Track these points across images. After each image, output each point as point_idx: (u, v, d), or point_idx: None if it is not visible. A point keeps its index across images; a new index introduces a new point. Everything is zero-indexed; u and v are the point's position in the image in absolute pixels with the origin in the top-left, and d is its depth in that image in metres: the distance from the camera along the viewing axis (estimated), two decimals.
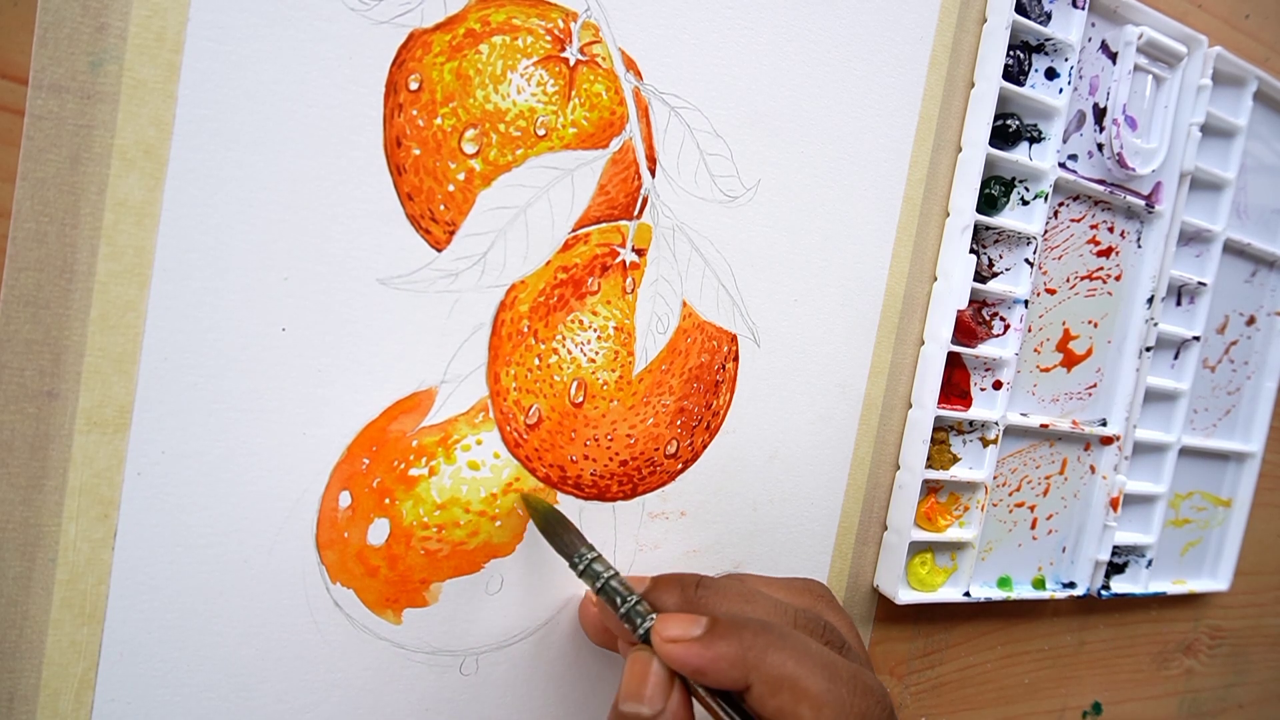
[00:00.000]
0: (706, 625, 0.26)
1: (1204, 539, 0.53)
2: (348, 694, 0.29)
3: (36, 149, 0.23)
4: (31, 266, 0.23)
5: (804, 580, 0.33)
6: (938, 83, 0.37)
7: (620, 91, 0.31)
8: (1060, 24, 0.39)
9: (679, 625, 0.27)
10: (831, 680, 0.25)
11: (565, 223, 0.30)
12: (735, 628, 0.26)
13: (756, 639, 0.26)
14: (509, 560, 0.31)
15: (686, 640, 0.26)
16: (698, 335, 0.34)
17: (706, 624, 0.26)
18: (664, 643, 0.26)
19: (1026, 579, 0.44)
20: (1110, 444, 0.45)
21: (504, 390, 0.30)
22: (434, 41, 0.28)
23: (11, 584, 0.24)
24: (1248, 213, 0.50)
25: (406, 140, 0.27)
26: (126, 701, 0.26)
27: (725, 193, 0.33)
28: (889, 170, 0.37)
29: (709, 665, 0.26)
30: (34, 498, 0.24)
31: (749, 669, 0.25)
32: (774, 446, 0.36)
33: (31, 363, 0.24)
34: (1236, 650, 0.58)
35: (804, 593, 0.32)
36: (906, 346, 0.39)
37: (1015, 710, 0.47)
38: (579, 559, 0.29)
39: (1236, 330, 0.52)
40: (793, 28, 0.34)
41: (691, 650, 0.26)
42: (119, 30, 0.23)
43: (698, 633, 0.26)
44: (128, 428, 0.25)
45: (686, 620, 0.27)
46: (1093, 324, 0.44)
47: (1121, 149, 0.41)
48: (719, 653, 0.26)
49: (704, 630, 0.26)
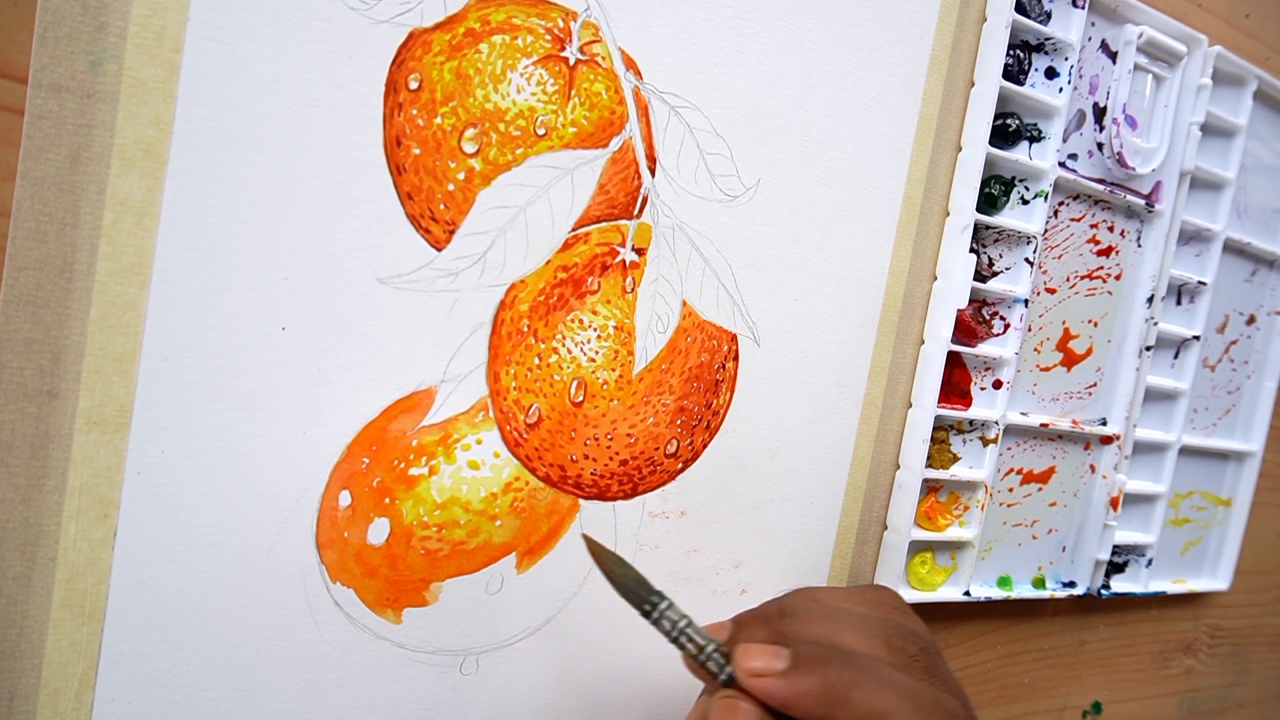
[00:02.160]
0: (790, 658, 0.26)
1: (1204, 538, 0.53)
2: (348, 694, 0.29)
3: (36, 148, 0.23)
4: (31, 266, 0.23)
5: (875, 589, 0.33)
6: (938, 82, 0.37)
7: (620, 91, 0.31)
8: (1060, 23, 0.39)
9: (762, 658, 0.26)
10: (917, 711, 0.25)
11: (565, 222, 0.30)
12: (820, 661, 0.26)
13: (842, 674, 0.26)
14: (509, 560, 0.31)
15: (771, 674, 0.26)
16: (698, 334, 0.34)
17: (790, 657, 0.26)
18: (748, 676, 0.26)
19: (1026, 578, 0.44)
20: (1110, 443, 0.45)
21: (504, 389, 0.30)
22: (434, 41, 0.28)
23: (11, 584, 0.24)
24: (1248, 212, 0.50)
25: (406, 139, 0.27)
26: (126, 701, 0.26)
27: (725, 192, 0.33)
28: (889, 170, 0.37)
29: (794, 700, 0.25)
30: (34, 497, 0.24)
31: (834, 705, 0.25)
32: (774, 446, 0.36)
33: (31, 362, 0.24)
34: (1236, 650, 0.58)
35: (880, 604, 0.32)
36: (906, 346, 0.39)
37: (1015, 710, 0.47)
38: (650, 606, 0.28)
39: (1236, 329, 0.52)
40: (793, 27, 0.34)
41: (776, 685, 0.26)
42: (119, 30, 0.23)
43: (782, 666, 0.26)
44: (127, 427, 0.25)
45: (770, 652, 0.27)
46: (1093, 323, 0.44)
47: (1121, 148, 0.41)
48: (804, 688, 0.25)
49: (788, 664, 0.26)
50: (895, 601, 0.32)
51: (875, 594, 0.32)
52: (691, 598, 0.35)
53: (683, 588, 0.35)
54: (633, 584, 0.28)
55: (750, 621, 0.29)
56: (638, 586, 0.28)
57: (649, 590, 0.28)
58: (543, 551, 0.32)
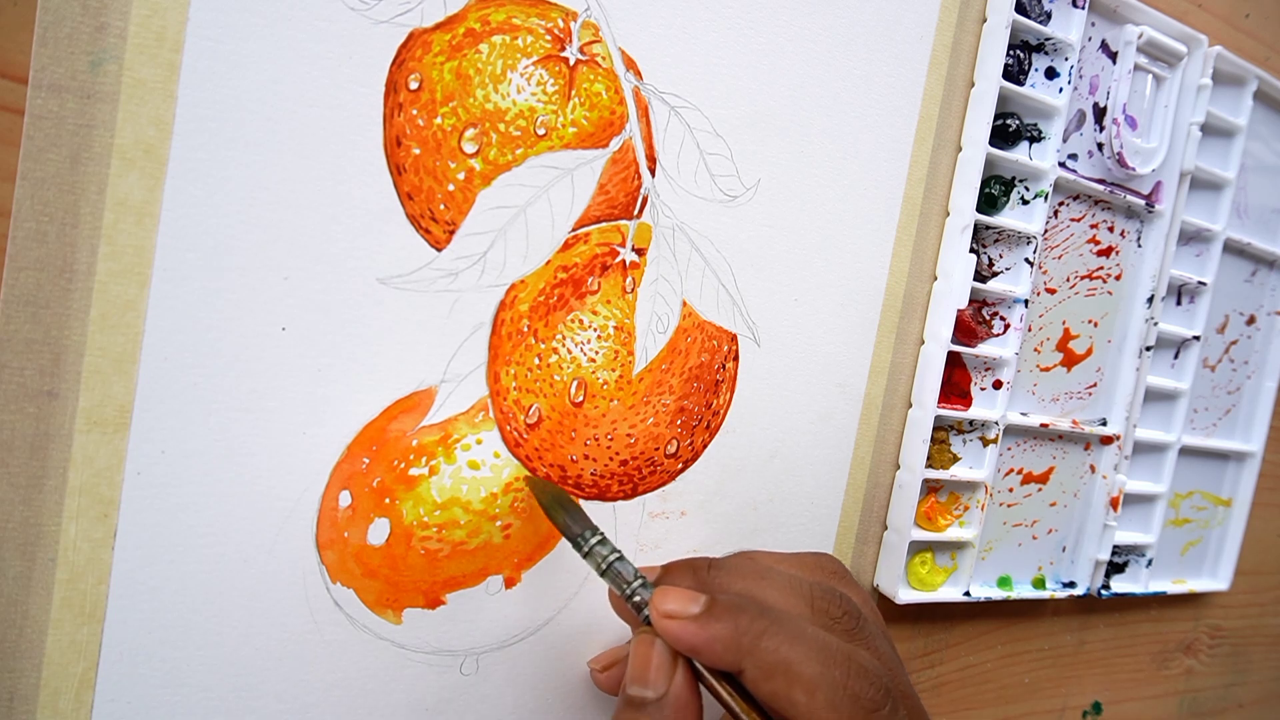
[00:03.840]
0: (705, 604, 0.26)
1: (1204, 538, 0.53)
2: (348, 694, 0.29)
3: (36, 148, 0.23)
4: (31, 266, 0.23)
5: (815, 555, 0.32)
6: (938, 82, 0.37)
7: (620, 91, 0.31)
8: (1060, 23, 0.39)
9: (677, 600, 0.26)
10: (825, 664, 0.25)
11: (565, 222, 0.30)
12: (733, 609, 0.26)
13: (753, 623, 0.26)
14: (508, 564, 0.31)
15: (683, 617, 0.26)
16: (698, 335, 0.34)
17: (705, 603, 0.26)
18: (660, 618, 0.26)
19: (1026, 578, 0.44)
20: (1110, 443, 0.45)
21: (504, 390, 0.30)
22: (434, 41, 0.28)
23: (11, 584, 0.24)
24: (1248, 212, 0.50)
25: (406, 140, 0.27)
26: (126, 701, 0.26)
27: (725, 192, 0.33)
28: (889, 170, 0.37)
29: (704, 645, 0.25)
30: (34, 497, 0.24)
31: (742, 653, 0.25)
32: (774, 446, 0.36)
33: (31, 362, 0.24)
34: (1236, 650, 0.58)
35: (816, 568, 0.32)
36: (906, 346, 0.39)
37: (1015, 710, 0.47)
38: (583, 541, 0.28)
39: (1236, 330, 0.52)
40: (793, 27, 0.34)
41: (687, 628, 0.26)
42: (119, 30, 0.23)
43: (695, 610, 0.26)
44: (128, 427, 0.25)
45: (685, 596, 0.26)
46: (1093, 323, 0.44)
47: (1121, 148, 0.41)
48: (713, 633, 0.25)
49: (701, 609, 0.26)
50: (834, 567, 0.32)
51: (815, 559, 0.32)
52: None
53: None
54: (567, 518, 0.29)
55: (678, 568, 0.29)
56: (570, 521, 0.29)
57: (583, 525, 0.29)
58: (540, 555, 0.32)
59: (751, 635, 0.25)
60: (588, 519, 0.29)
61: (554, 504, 0.29)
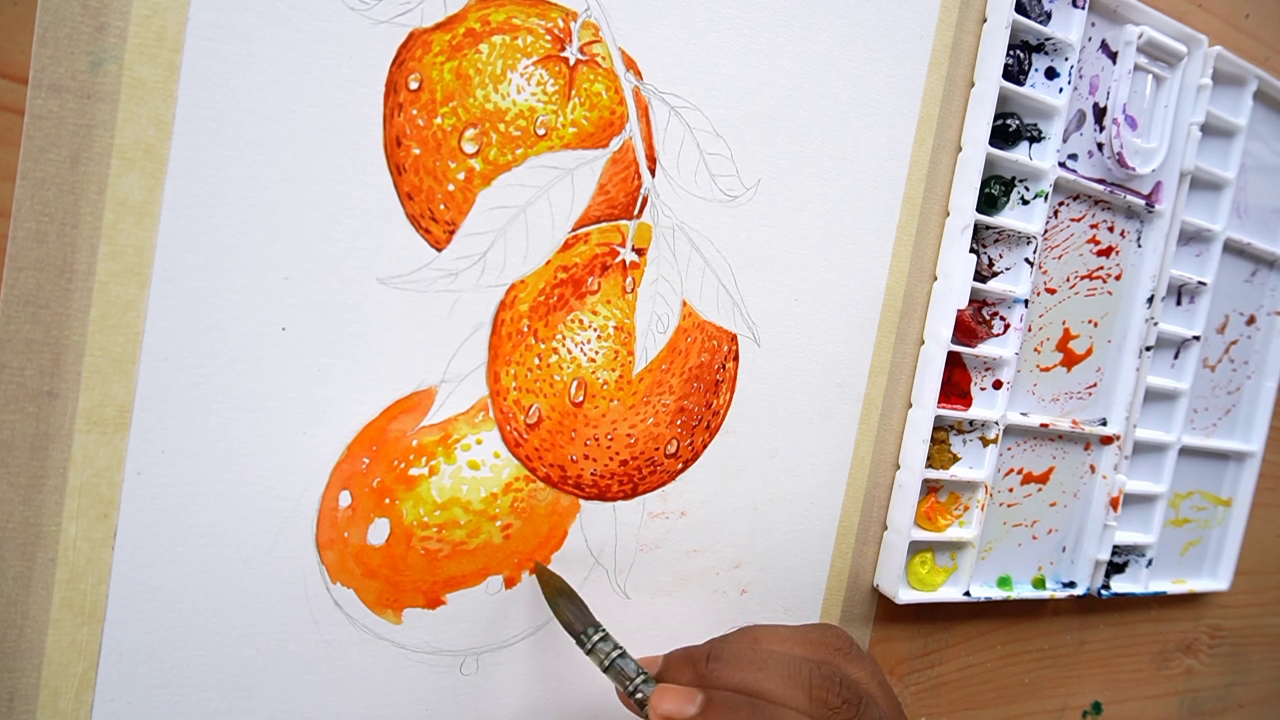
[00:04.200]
0: (700, 704, 0.27)
1: (1204, 538, 0.53)
2: (348, 694, 0.29)
3: (36, 149, 0.23)
4: (31, 266, 0.23)
5: (820, 629, 0.32)
6: (938, 82, 0.37)
7: (620, 91, 0.31)
8: (1060, 23, 0.39)
9: (675, 701, 0.27)
10: None
11: (565, 222, 0.30)
12: (728, 709, 0.26)
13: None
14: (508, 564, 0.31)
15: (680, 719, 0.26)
16: (698, 335, 0.34)
17: (701, 703, 0.27)
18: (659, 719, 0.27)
19: (1026, 578, 0.44)
20: (1110, 443, 0.45)
21: (504, 390, 0.30)
22: (434, 41, 0.28)
23: (11, 584, 0.24)
24: (1248, 212, 0.50)
25: (406, 140, 0.27)
26: (126, 701, 0.26)
27: (725, 192, 0.33)
28: (889, 170, 0.37)
29: None
30: (34, 497, 0.24)
31: None
32: (774, 446, 0.36)
33: (31, 362, 0.24)
34: (1236, 650, 0.58)
35: (821, 645, 0.31)
36: (906, 346, 0.39)
37: (1015, 710, 0.47)
38: (585, 638, 0.29)
39: (1236, 330, 0.52)
40: (793, 27, 0.34)
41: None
42: (119, 30, 0.23)
43: (691, 711, 0.26)
44: (128, 427, 0.25)
45: (683, 696, 0.27)
46: (1093, 323, 0.44)
47: (1121, 148, 0.41)
48: None
49: (698, 709, 0.26)
50: (839, 643, 0.32)
51: (820, 634, 0.32)
52: (692, 598, 0.35)
53: (683, 588, 0.35)
54: (570, 615, 0.29)
55: (678, 661, 0.30)
56: (574, 618, 0.29)
57: (585, 621, 0.29)
58: (540, 556, 0.32)
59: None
60: (590, 615, 0.30)
61: (558, 597, 0.30)
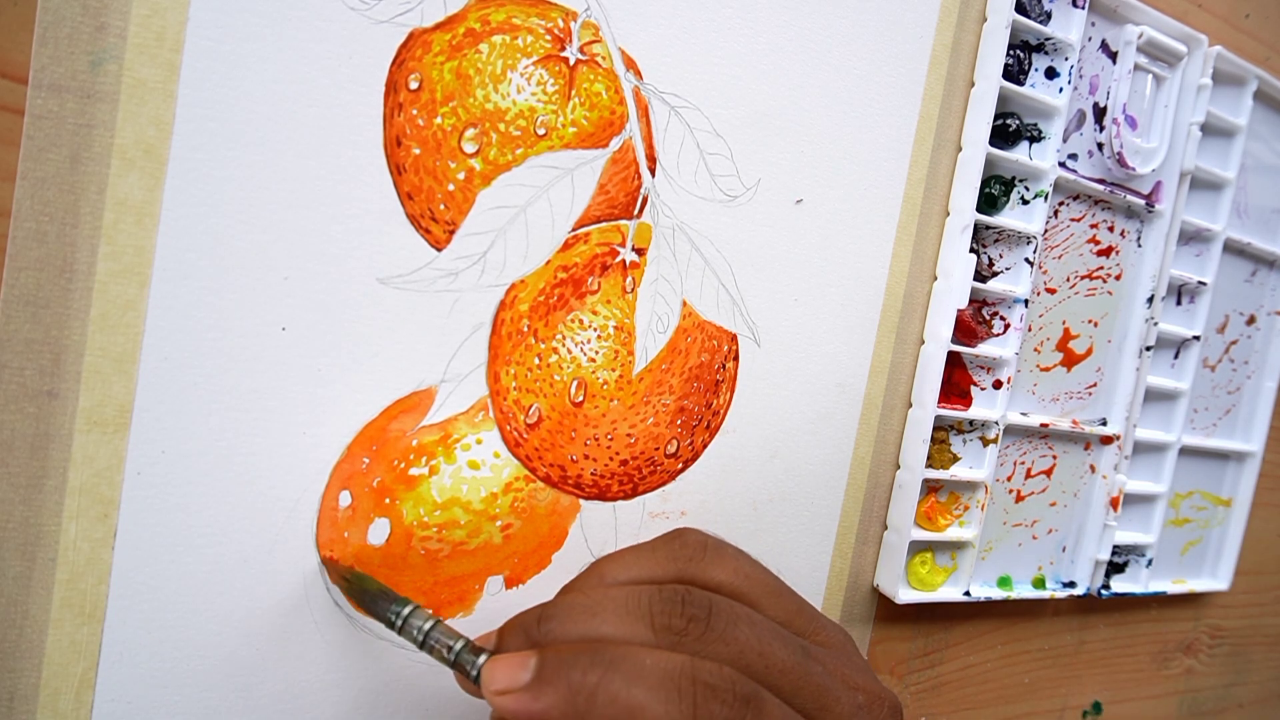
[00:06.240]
0: (535, 668, 0.23)
1: (1204, 538, 0.53)
2: (348, 694, 0.29)
3: (36, 148, 0.23)
4: (31, 266, 0.23)
5: (667, 540, 0.29)
6: (938, 82, 0.37)
7: (620, 91, 0.31)
8: (1060, 23, 0.39)
9: (506, 672, 0.24)
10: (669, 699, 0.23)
11: (565, 222, 0.30)
12: (563, 666, 0.23)
13: (586, 676, 0.23)
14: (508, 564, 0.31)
15: (515, 690, 0.23)
16: (698, 335, 0.34)
17: (534, 666, 0.23)
18: (495, 697, 0.23)
19: (1026, 578, 0.44)
20: (1110, 443, 0.45)
21: (504, 389, 0.30)
22: (434, 41, 0.28)
23: (11, 584, 0.24)
24: (1248, 212, 0.50)
25: (406, 139, 0.27)
26: (126, 701, 0.26)
27: (725, 192, 0.33)
28: (889, 170, 0.37)
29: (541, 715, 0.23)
30: (34, 497, 0.24)
31: (581, 714, 0.23)
32: (774, 446, 0.36)
33: (31, 362, 0.24)
34: (1236, 650, 0.58)
35: (668, 561, 0.28)
36: (906, 346, 0.39)
37: (1015, 710, 0.47)
38: (395, 617, 0.25)
39: (1236, 330, 0.52)
40: (793, 27, 0.34)
41: (521, 702, 0.23)
42: (119, 30, 0.23)
43: (526, 678, 0.23)
44: (128, 427, 0.25)
45: (514, 664, 0.24)
46: (1093, 323, 0.44)
47: (1121, 148, 0.41)
48: (548, 701, 0.23)
49: (532, 675, 0.23)
50: (690, 551, 0.28)
51: (667, 549, 0.29)
52: None
53: None
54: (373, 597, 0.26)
55: (511, 630, 0.26)
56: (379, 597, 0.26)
57: (391, 599, 0.26)
58: (540, 555, 0.32)
59: (586, 692, 0.23)
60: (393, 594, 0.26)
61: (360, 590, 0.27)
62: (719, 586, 0.28)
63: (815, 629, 0.28)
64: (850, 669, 0.27)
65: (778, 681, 0.25)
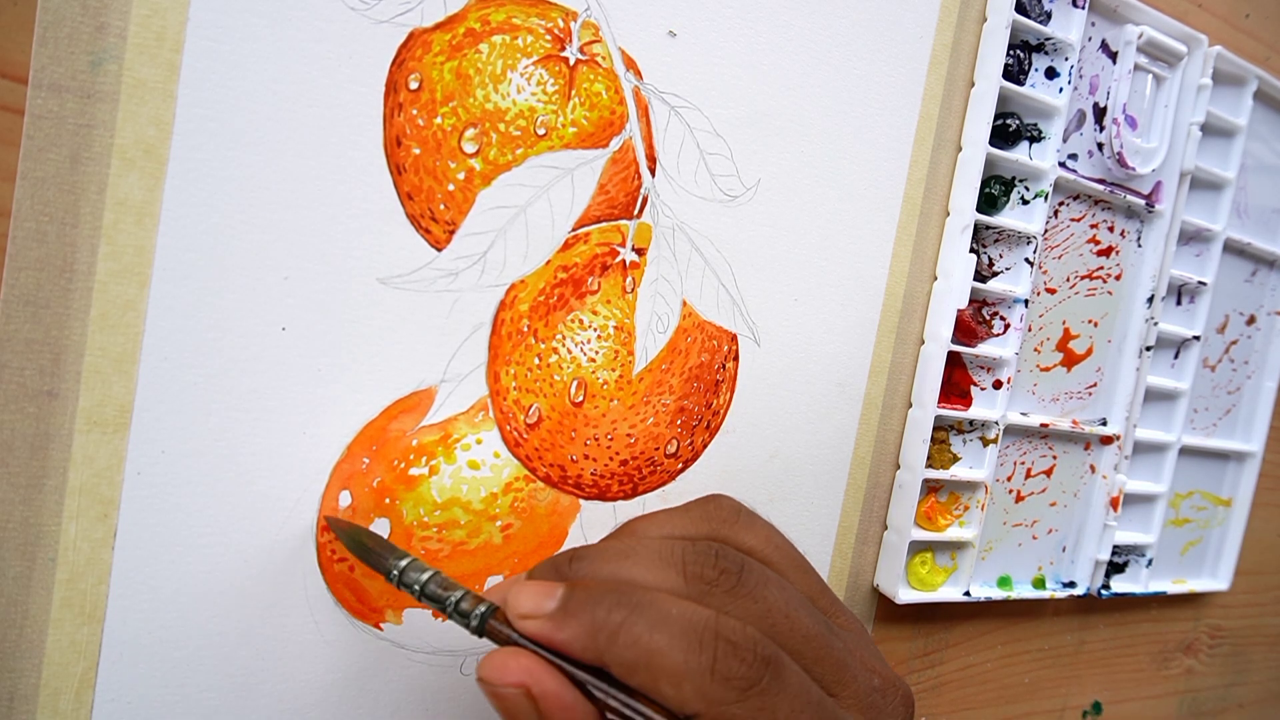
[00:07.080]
0: (561, 598, 0.23)
1: (1204, 538, 0.53)
2: (347, 694, 0.29)
3: (36, 148, 0.23)
4: (31, 266, 0.23)
5: (702, 503, 0.29)
6: (938, 82, 0.37)
7: (620, 91, 0.31)
8: (1060, 23, 0.39)
9: (532, 597, 0.23)
10: (690, 649, 0.22)
11: (565, 222, 0.30)
12: (589, 601, 0.23)
13: (611, 614, 0.23)
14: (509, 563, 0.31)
15: (539, 616, 0.23)
16: (698, 335, 0.34)
17: (561, 596, 0.23)
18: (518, 619, 0.23)
19: (1026, 578, 0.44)
20: (1110, 443, 0.45)
21: (504, 389, 0.30)
22: (434, 41, 0.28)
23: (11, 584, 0.24)
24: (1248, 212, 0.50)
25: (406, 139, 0.27)
26: (126, 701, 0.26)
27: (725, 192, 0.33)
28: (889, 170, 0.37)
29: (562, 645, 0.23)
30: (34, 497, 0.24)
31: (601, 650, 0.23)
32: (774, 446, 0.36)
33: (31, 362, 0.24)
34: (1236, 650, 0.58)
35: (702, 521, 0.28)
36: (906, 346, 0.39)
37: (1015, 710, 0.47)
38: (394, 569, 0.25)
39: (1237, 330, 0.52)
40: (793, 27, 0.34)
41: (543, 629, 0.23)
42: (119, 30, 0.23)
43: (551, 606, 0.23)
44: (128, 427, 0.25)
45: (542, 591, 0.23)
46: (1093, 323, 0.44)
47: (1121, 148, 0.41)
48: (571, 631, 0.23)
49: (558, 604, 0.23)
50: (725, 514, 0.28)
51: (702, 510, 0.28)
52: None
53: None
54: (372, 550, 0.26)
55: (541, 570, 0.26)
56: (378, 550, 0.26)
57: (389, 552, 0.26)
58: (540, 555, 0.32)
59: (609, 630, 0.23)
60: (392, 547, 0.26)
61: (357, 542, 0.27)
62: (750, 551, 0.27)
63: (836, 611, 0.28)
64: (867, 654, 0.28)
65: (800, 647, 0.25)
